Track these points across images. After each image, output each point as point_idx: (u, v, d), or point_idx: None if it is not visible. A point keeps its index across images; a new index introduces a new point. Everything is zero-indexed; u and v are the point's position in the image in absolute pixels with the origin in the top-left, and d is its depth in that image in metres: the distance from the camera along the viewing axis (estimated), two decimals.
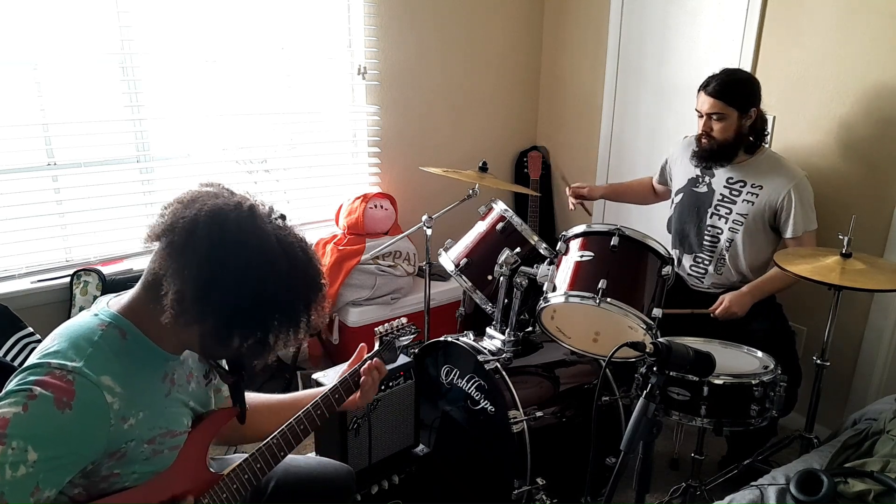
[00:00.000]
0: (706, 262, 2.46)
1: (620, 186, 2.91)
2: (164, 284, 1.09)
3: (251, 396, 1.53)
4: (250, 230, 1.11)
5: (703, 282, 2.48)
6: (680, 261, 2.54)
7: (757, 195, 2.32)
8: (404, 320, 1.70)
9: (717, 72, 2.31)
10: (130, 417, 1.10)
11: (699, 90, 2.32)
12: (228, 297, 1.08)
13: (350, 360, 1.58)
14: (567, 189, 2.73)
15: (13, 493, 0.95)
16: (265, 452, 1.35)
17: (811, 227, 2.31)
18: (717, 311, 2.27)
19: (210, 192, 1.16)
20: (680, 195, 2.53)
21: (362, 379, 1.50)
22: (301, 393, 1.56)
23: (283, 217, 1.20)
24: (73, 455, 1.04)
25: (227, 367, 1.37)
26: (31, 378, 1.02)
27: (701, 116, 2.32)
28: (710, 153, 2.34)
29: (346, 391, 1.48)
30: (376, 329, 1.65)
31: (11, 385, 1.03)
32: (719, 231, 2.41)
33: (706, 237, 2.44)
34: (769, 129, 2.67)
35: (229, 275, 1.08)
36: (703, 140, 2.34)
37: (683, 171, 2.52)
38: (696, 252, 2.48)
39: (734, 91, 2.26)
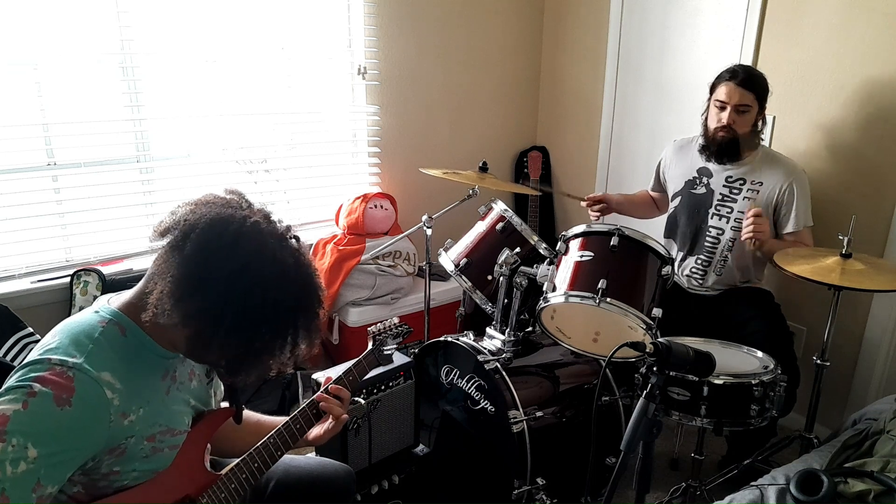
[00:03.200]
0: (706, 264, 2.46)
1: (630, 197, 2.79)
2: (151, 283, 1.10)
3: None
4: (247, 243, 1.10)
5: (703, 283, 2.48)
6: (681, 263, 2.53)
7: (757, 192, 2.32)
8: (396, 320, 1.70)
9: (734, 65, 2.30)
10: (130, 413, 1.11)
11: (724, 81, 2.28)
12: (208, 305, 1.07)
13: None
14: (582, 202, 2.62)
15: (14, 489, 0.96)
16: (262, 452, 1.35)
17: (810, 223, 2.31)
18: (751, 217, 2.19)
19: (224, 200, 1.16)
20: (678, 199, 2.52)
21: (322, 405, 1.46)
22: (273, 418, 1.54)
23: (296, 238, 1.18)
24: (73, 451, 1.04)
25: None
26: (32, 374, 1.02)
27: (723, 108, 2.28)
28: (728, 145, 2.30)
29: (299, 431, 1.45)
30: (369, 329, 1.65)
31: (11, 381, 1.03)
32: (721, 231, 2.40)
33: (707, 238, 2.43)
34: (769, 129, 2.68)
35: (213, 284, 1.07)
36: (721, 133, 2.29)
37: (679, 173, 2.51)
38: (697, 254, 2.48)
39: (760, 84, 2.27)
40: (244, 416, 1.51)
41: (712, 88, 2.34)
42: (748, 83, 2.25)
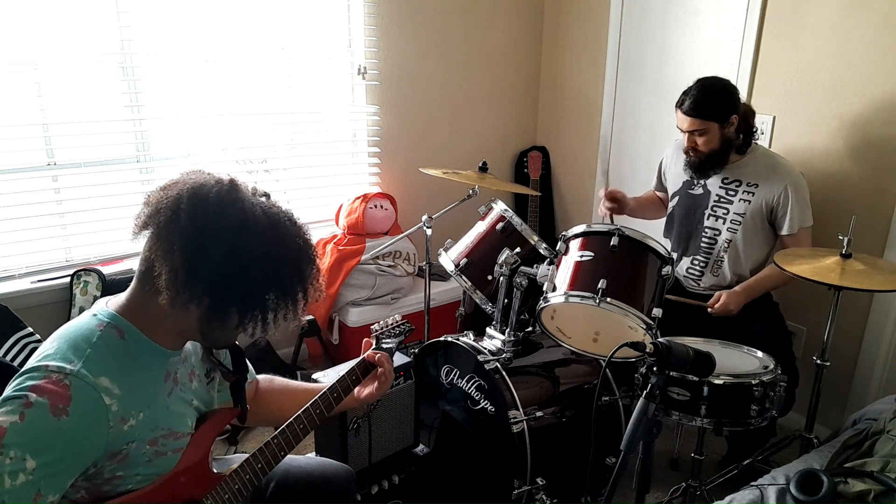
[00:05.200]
0: (703, 264, 2.46)
1: (640, 200, 2.74)
2: (157, 266, 1.09)
3: (268, 378, 1.55)
4: (233, 203, 1.12)
5: (699, 283, 2.48)
6: (677, 263, 2.53)
7: (753, 194, 2.32)
8: (398, 317, 1.70)
9: (691, 85, 2.27)
10: (130, 418, 1.10)
11: (676, 108, 2.29)
12: (220, 270, 1.08)
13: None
14: (602, 191, 2.56)
15: (14, 500, 0.96)
16: (265, 452, 1.35)
17: (807, 224, 2.31)
18: (715, 307, 2.27)
19: (190, 175, 1.17)
20: (676, 198, 2.53)
21: (379, 371, 1.49)
22: (313, 385, 1.57)
23: (266, 195, 1.21)
24: (72, 459, 1.04)
25: (229, 367, 1.38)
26: (28, 383, 1.02)
27: (683, 133, 2.31)
28: (700, 165, 2.34)
29: (344, 390, 1.47)
30: (372, 327, 1.65)
31: (9, 391, 1.03)
32: (717, 232, 2.40)
33: (704, 239, 2.43)
34: (769, 129, 2.68)
35: (217, 246, 1.08)
36: (691, 154, 2.33)
37: (678, 173, 2.52)
38: (693, 254, 2.48)
39: (709, 105, 2.23)
40: (282, 384, 1.55)
41: None
42: (693, 110, 2.22)
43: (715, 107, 2.23)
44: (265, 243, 1.12)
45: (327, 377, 1.93)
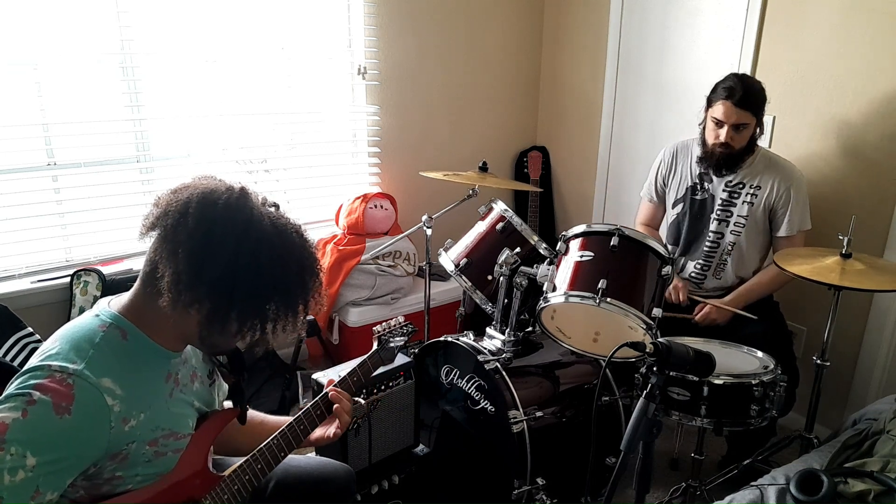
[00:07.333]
0: (705, 268, 2.46)
1: (649, 228, 2.70)
2: (160, 268, 1.09)
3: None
4: (242, 210, 1.12)
5: (701, 286, 2.48)
6: (683, 267, 2.52)
7: (756, 195, 2.32)
8: (401, 319, 1.69)
9: (728, 77, 2.24)
10: (131, 419, 1.10)
11: (721, 99, 2.21)
12: (223, 275, 1.08)
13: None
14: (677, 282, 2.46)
15: (12, 497, 0.96)
16: (265, 453, 1.35)
17: (805, 227, 2.31)
18: (697, 317, 2.32)
19: (202, 179, 1.18)
20: (679, 205, 2.51)
21: (333, 402, 1.45)
22: (268, 417, 1.53)
23: (276, 206, 1.21)
24: (73, 458, 1.04)
25: (228, 367, 1.38)
26: (32, 382, 1.02)
27: (720, 126, 2.25)
28: (725, 159, 2.30)
29: (310, 423, 1.43)
30: (374, 329, 1.65)
31: (12, 388, 1.03)
32: (720, 235, 2.40)
33: (707, 243, 2.43)
34: (769, 129, 2.68)
35: (223, 251, 1.08)
36: (720, 149, 2.27)
37: (682, 178, 2.50)
38: (696, 258, 2.47)
39: (757, 100, 2.23)
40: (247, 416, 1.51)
41: (709, 101, 2.29)
42: (745, 102, 2.18)
43: (761, 102, 2.24)
44: (271, 252, 1.12)
45: (327, 377, 1.93)
